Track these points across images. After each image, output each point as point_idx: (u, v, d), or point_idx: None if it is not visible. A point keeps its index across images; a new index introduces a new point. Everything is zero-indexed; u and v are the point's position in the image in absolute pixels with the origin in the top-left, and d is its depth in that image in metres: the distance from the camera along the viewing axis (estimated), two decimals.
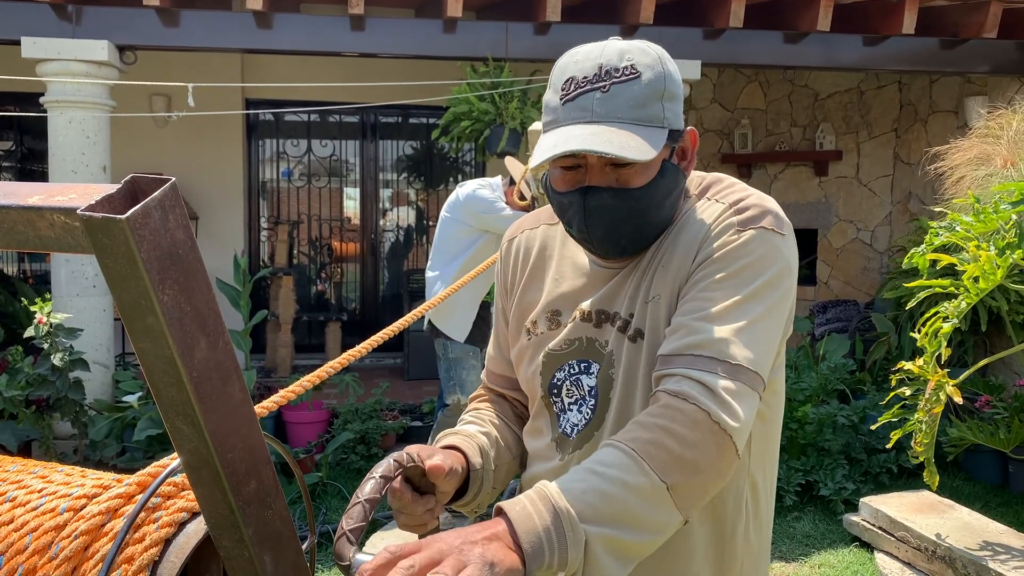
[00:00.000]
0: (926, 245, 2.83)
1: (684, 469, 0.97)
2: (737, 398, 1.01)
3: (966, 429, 4.51)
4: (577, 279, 1.26)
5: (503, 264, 1.39)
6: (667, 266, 1.15)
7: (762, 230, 1.09)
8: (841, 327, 6.45)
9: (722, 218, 1.12)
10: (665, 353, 1.07)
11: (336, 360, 1.37)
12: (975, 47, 5.59)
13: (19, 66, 4.75)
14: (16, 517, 0.68)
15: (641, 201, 1.13)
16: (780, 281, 1.09)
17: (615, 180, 1.12)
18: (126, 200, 0.58)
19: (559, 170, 1.16)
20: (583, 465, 0.98)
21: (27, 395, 4.15)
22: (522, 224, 1.40)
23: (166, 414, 0.64)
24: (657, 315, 1.14)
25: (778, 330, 1.11)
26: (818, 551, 3.95)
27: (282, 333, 6.83)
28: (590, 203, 1.13)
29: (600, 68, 1.10)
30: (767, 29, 5.38)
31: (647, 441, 0.98)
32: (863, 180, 7.22)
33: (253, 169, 7.68)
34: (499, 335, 1.41)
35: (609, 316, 1.20)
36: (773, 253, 1.09)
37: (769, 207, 1.12)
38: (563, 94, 1.12)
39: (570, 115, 1.10)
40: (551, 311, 1.27)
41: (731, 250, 1.09)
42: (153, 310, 0.58)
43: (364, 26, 4.97)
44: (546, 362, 1.25)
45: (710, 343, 1.04)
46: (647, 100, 1.10)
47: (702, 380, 1.01)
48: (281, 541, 0.74)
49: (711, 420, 0.99)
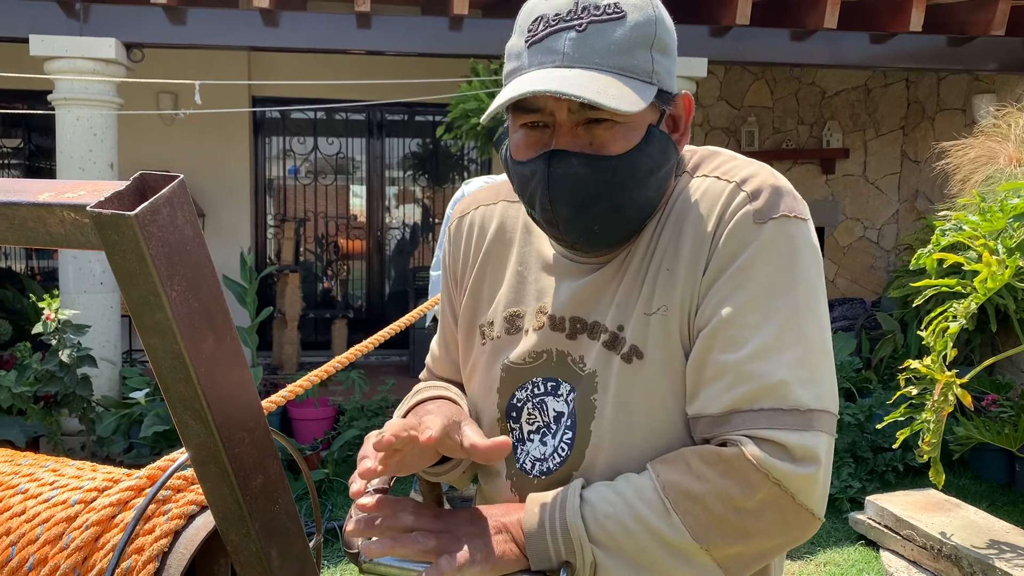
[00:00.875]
0: (933, 245, 2.83)
1: (727, 533, 0.85)
2: (815, 450, 0.85)
3: (973, 428, 4.50)
4: (545, 273, 1.03)
5: (452, 246, 1.15)
6: (672, 269, 0.93)
7: (783, 219, 0.91)
8: (847, 325, 6.44)
9: (733, 206, 0.92)
10: (715, 413, 0.88)
11: (343, 355, 1.38)
12: (983, 45, 5.57)
13: (27, 64, 4.77)
14: (28, 508, 0.69)
15: (619, 172, 0.90)
16: (818, 279, 0.93)
17: (588, 144, 0.90)
18: (135, 197, 0.59)
19: (521, 132, 0.94)
20: (620, 483, 0.89)
21: (35, 391, 4.17)
22: (476, 198, 1.15)
23: (174, 409, 0.65)
24: (666, 331, 0.93)
25: (829, 334, 0.93)
26: (823, 549, 3.94)
27: (288, 330, 6.84)
28: (555, 170, 0.90)
29: (576, 3, 0.89)
30: (774, 27, 5.37)
31: (687, 494, 0.86)
32: (870, 178, 7.21)
33: (260, 166, 7.69)
34: (445, 331, 1.18)
35: (587, 326, 0.98)
36: (802, 246, 0.91)
37: (782, 185, 0.93)
38: (529, 35, 0.90)
39: (536, 59, 0.89)
40: (511, 312, 1.05)
41: (756, 254, 0.90)
42: (161, 306, 0.59)
43: (370, 24, 4.98)
44: (505, 377, 1.03)
45: (770, 390, 0.86)
46: (633, 46, 0.89)
47: (771, 439, 0.85)
48: (288, 536, 0.75)
49: (770, 482, 0.84)
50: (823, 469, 0.86)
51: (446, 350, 1.18)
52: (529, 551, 0.88)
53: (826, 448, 0.87)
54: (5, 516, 0.69)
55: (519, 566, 0.88)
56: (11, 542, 0.68)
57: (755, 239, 0.90)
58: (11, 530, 0.69)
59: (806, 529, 0.88)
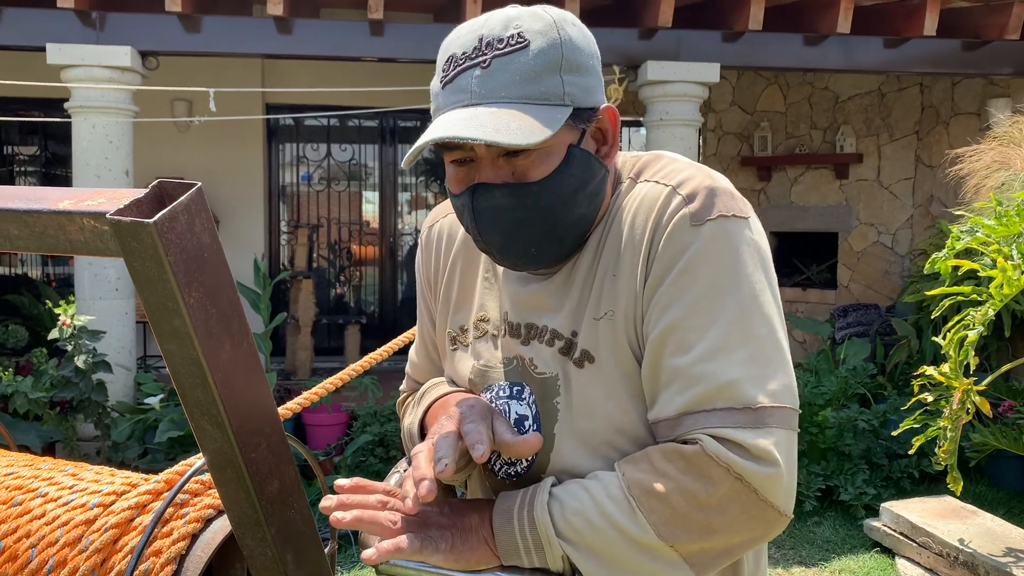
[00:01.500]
0: (947, 250, 2.81)
1: (691, 530, 0.87)
2: (770, 448, 0.86)
3: (989, 434, 4.46)
4: (506, 280, 1.06)
5: (424, 255, 1.18)
6: (617, 275, 0.95)
7: (721, 219, 0.91)
8: (862, 331, 6.41)
9: (670, 209, 0.93)
10: (669, 416, 0.90)
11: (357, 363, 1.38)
12: (998, 48, 5.54)
13: (44, 72, 4.82)
14: (48, 511, 0.70)
15: (542, 197, 0.93)
16: (762, 276, 0.93)
17: (511, 174, 0.93)
18: (153, 204, 0.60)
19: (451, 167, 0.97)
20: (589, 481, 0.91)
21: (51, 397, 4.20)
22: (445, 207, 1.17)
23: (191, 414, 0.66)
24: (612, 334, 0.95)
25: (783, 334, 0.94)
26: (838, 556, 3.92)
27: (302, 336, 6.87)
28: (479, 203, 0.93)
29: (480, 40, 0.91)
30: (787, 31, 5.36)
31: (651, 492, 0.87)
32: (884, 183, 7.17)
33: (273, 173, 7.74)
34: (424, 338, 1.21)
35: (538, 331, 1.01)
36: (741, 243, 0.92)
37: (718, 186, 0.94)
38: (443, 76, 0.94)
39: (449, 99, 0.93)
40: (479, 317, 1.08)
41: (696, 257, 0.90)
42: (180, 312, 0.60)
43: (383, 31, 5.00)
44: (473, 380, 1.07)
45: (720, 391, 0.87)
46: (538, 73, 0.90)
47: (726, 437, 0.86)
48: (303, 540, 0.76)
49: (731, 476, 0.86)
50: (785, 465, 0.87)
51: (427, 357, 1.21)
52: (499, 546, 0.90)
53: (785, 444, 0.88)
54: (25, 519, 0.70)
55: (490, 562, 0.91)
56: (31, 544, 0.69)
57: (694, 242, 0.91)
58: (31, 532, 0.70)
59: (773, 525, 0.89)
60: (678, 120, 5.20)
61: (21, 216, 0.63)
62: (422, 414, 1.10)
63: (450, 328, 1.12)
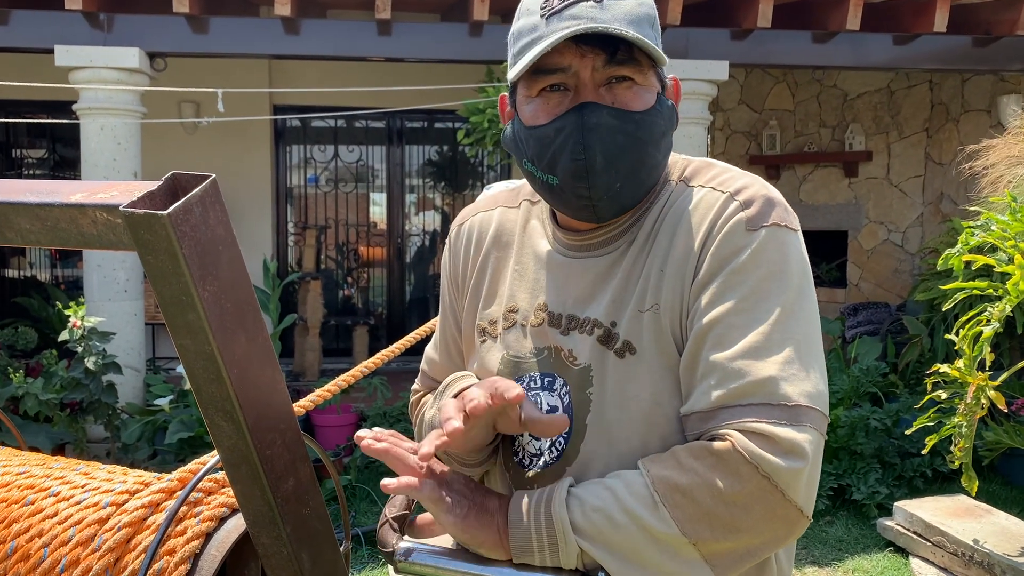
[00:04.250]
0: (961, 245, 2.79)
1: (715, 527, 0.86)
2: (802, 444, 0.86)
3: (1002, 432, 4.43)
4: (540, 272, 1.06)
5: (452, 253, 1.18)
6: (666, 271, 0.96)
7: (775, 228, 0.94)
8: (872, 329, 6.37)
9: (727, 212, 0.95)
10: (704, 408, 0.90)
11: (368, 361, 1.37)
12: (1008, 45, 5.50)
13: (52, 74, 4.83)
14: (60, 511, 0.69)
15: (642, 127, 0.95)
16: (807, 285, 0.95)
17: (611, 102, 0.95)
18: (167, 197, 0.59)
19: (538, 99, 0.97)
20: (610, 479, 0.91)
21: (61, 398, 4.21)
22: (476, 206, 1.19)
23: (206, 410, 0.64)
24: (658, 328, 0.95)
25: (820, 342, 0.95)
26: (851, 556, 3.89)
27: (310, 337, 6.87)
28: (589, 120, 0.93)
29: None
30: (796, 29, 5.34)
31: (675, 487, 0.87)
32: (894, 181, 7.13)
33: (281, 174, 7.74)
34: (447, 337, 1.20)
35: (580, 322, 1.01)
36: (792, 254, 0.94)
37: (774, 196, 0.97)
38: (544, 10, 0.94)
39: (557, 26, 0.92)
40: (509, 308, 1.08)
41: (748, 259, 0.92)
42: (194, 306, 0.58)
43: (391, 31, 5.00)
44: (503, 371, 1.06)
45: (757, 386, 0.88)
46: (642, 19, 0.94)
47: (758, 431, 0.86)
48: (319, 539, 0.74)
49: (759, 475, 0.85)
50: (811, 465, 0.87)
51: (447, 355, 1.21)
52: (511, 540, 0.89)
53: (814, 445, 0.88)
54: (38, 518, 0.69)
55: (495, 549, 0.90)
56: (43, 543, 0.68)
57: (747, 245, 0.93)
58: (43, 532, 0.69)
59: (794, 526, 0.88)
60: (687, 118, 5.18)
61: (33, 209, 0.62)
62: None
63: (479, 320, 1.11)
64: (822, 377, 0.92)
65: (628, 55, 0.94)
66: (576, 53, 0.93)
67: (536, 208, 1.13)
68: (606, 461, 0.96)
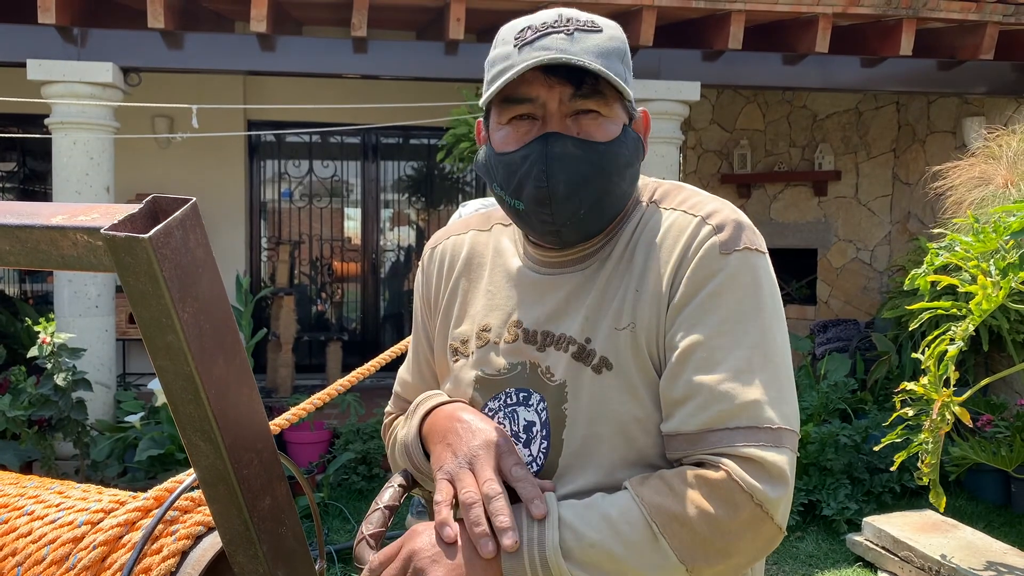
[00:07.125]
0: (927, 265, 2.85)
1: (711, 555, 0.89)
2: (785, 468, 0.90)
3: (968, 448, 4.51)
4: (512, 290, 1.08)
5: (425, 276, 1.21)
6: (641, 291, 0.99)
7: (747, 251, 0.97)
8: (842, 346, 6.46)
9: (700, 236, 0.98)
10: (691, 431, 0.92)
11: (344, 379, 1.38)
12: (972, 68, 5.63)
13: (24, 88, 4.79)
14: (34, 530, 0.69)
15: (605, 157, 0.98)
16: (778, 306, 0.99)
17: (576, 133, 0.98)
18: (148, 220, 0.60)
19: (508, 127, 1.01)
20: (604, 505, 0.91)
21: (30, 415, 4.15)
22: (448, 230, 1.22)
23: (184, 430, 0.65)
24: (635, 346, 0.98)
25: (791, 362, 1.00)
26: (821, 571, 3.93)
27: (283, 353, 6.82)
28: (553, 148, 0.97)
29: (561, 16, 0.99)
30: (766, 51, 5.43)
31: (673, 517, 0.88)
32: (862, 200, 7.25)
33: (255, 189, 7.71)
34: (420, 358, 1.21)
35: (555, 338, 1.03)
36: (763, 276, 0.98)
37: (743, 220, 1.00)
38: (518, 40, 0.98)
39: (528, 56, 0.95)
40: (481, 327, 1.09)
41: (723, 282, 0.95)
42: (173, 328, 0.59)
43: (366, 48, 5.02)
44: (479, 388, 1.07)
45: (743, 409, 0.91)
46: (611, 53, 0.98)
47: (748, 455, 0.89)
48: (295, 558, 0.75)
49: (753, 503, 0.88)
50: (789, 485, 0.91)
51: (420, 377, 1.22)
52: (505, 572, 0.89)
53: (791, 466, 0.92)
54: (11, 537, 0.69)
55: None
56: (17, 563, 0.68)
57: (722, 268, 0.96)
58: (17, 551, 0.69)
59: (773, 542, 0.93)
60: (659, 138, 5.24)
61: (13, 231, 0.62)
62: (418, 424, 1.09)
63: (451, 340, 1.13)
64: (794, 395, 0.96)
65: (593, 88, 0.97)
66: (544, 84, 0.97)
67: (508, 229, 1.15)
68: (584, 475, 0.97)
